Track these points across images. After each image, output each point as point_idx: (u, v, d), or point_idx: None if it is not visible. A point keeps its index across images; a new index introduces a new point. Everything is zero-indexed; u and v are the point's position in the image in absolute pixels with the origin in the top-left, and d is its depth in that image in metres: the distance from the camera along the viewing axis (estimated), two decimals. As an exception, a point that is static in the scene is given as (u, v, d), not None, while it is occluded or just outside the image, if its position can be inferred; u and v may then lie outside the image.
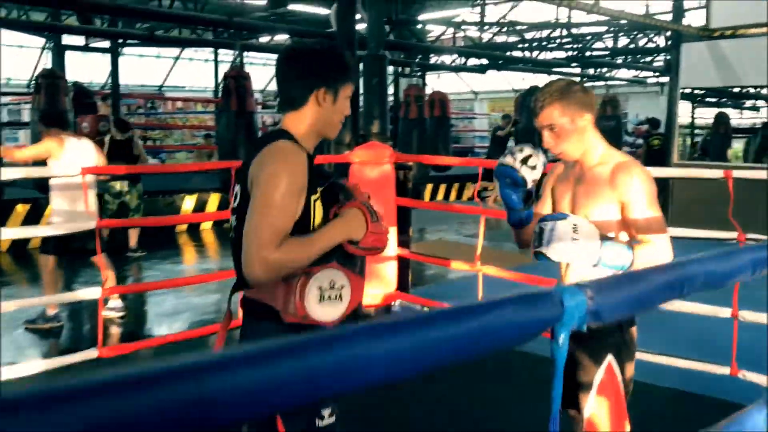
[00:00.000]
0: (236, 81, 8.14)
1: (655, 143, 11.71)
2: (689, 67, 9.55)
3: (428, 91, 12.08)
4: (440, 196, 12.72)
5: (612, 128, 12.81)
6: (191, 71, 22.37)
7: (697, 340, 4.16)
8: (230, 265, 1.80)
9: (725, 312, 3.51)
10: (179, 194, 9.31)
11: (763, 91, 16.30)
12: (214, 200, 9.49)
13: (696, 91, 10.00)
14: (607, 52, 15.19)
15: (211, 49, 16.29)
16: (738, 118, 16.41)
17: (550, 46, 14.65)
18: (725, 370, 3.50)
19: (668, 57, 12.20)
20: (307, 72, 1.73)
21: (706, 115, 13.67)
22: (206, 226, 9.27)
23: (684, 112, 11.24)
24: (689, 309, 3.60)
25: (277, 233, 1.57)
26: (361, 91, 5.60)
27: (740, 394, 3.43)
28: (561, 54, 15.35)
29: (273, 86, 21.83)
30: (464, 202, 12.82)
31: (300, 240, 1.61)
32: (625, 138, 15.96)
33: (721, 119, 13.21)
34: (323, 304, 1.66)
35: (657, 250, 1.94)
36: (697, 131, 13.58)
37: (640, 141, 16.53)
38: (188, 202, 9.37)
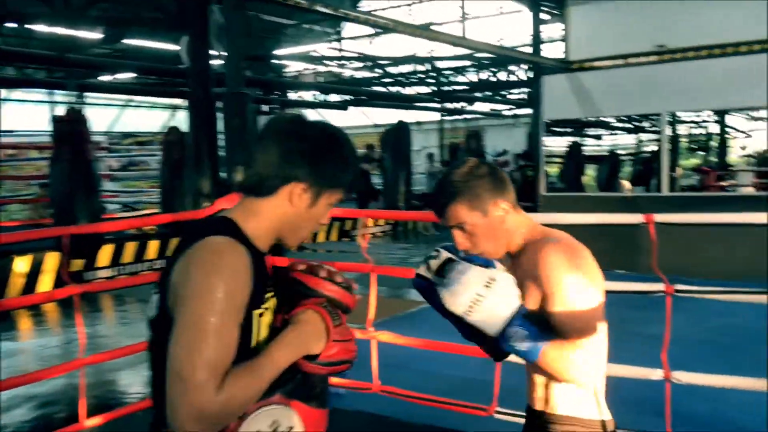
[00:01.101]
0: (70, 126, 7.12)
1: (529, 174, 12.10)
2: (551, 99, 9.63)
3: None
4: (321, 238, 12.16)
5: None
6: (23, 113, 20.36)
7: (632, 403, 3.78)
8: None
9: (657, 374, 3.11)
10: (8, 255, 8.03)
11: (610, 120, 17.22)
12: (52, 261, 8.26)
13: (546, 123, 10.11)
14: (467, 87, 15.33)
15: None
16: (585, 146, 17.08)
17: (411, 80, 14.54)
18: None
19: (530, 90, 12.40)
20: (289, 155, 1.34)
21: (553, 145, 14.08)
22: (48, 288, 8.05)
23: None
24: (619, 372, 3.17)
25: (216, 372, 1.17)
26: (221, 133, 4.87)
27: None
28: (423, 89, 15.30)
29: (119, 127, 20.40)
30: (344, 243, 12.29)
31: (244, 372, 1.21)
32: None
33: (574, 149, 13.67)
34: None
35: (572, 354, 1.52)
36: (550, 161, 13.86)
37: (506, 170, 16.84)
38: (21, 264, 8.10)
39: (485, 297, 1.49)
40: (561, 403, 1.64)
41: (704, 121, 16.92)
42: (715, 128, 16.50)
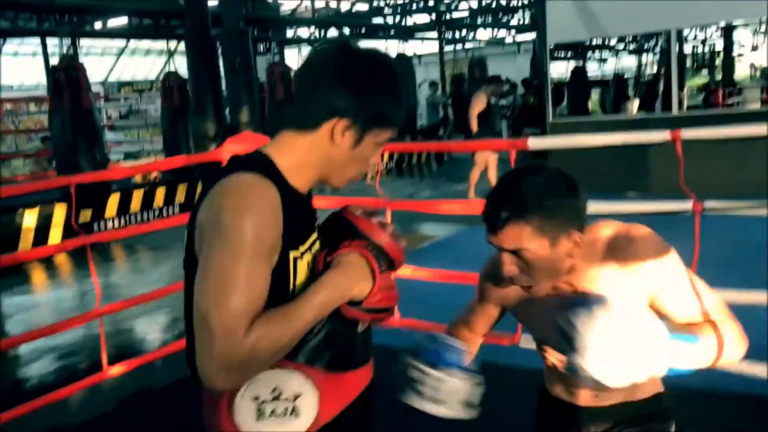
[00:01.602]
0: (67, 74, 6.95)
1: (531, 100, 12.05)
2: (555, 21, 9.38)
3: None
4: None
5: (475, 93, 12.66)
6: (18, 67, 20.06)
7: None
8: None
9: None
10: (15, 210, 7.99)
11: (612, 43, 16.88)
12: (60, 214, 8.22)
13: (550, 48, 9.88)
14: (468, 12, 14.96)
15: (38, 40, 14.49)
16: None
17: (411, 10, 14.18)
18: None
19: (532, 12, 12.10)
20: (333, 87, 1.18)
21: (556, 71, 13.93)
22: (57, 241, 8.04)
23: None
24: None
25: (243, 319, 1.07)
26: (222, 74, 4.73)
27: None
28: (423, 18, 14.96)
29: (115, 76, 20.12)
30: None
31: (277, 316, 1.10)
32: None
33: (579, 73, 13.45)
34: (264, 423, 1.16)
35: (730, 331, 1.38)
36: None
37: (504, 102, 16.62)
38: (29, 218, 8.07)
39: (629, 349, 1.21)
40: (644, 385, 1.45)
41: (709, 38, 16.58)
42: (720, 45, 16.14)
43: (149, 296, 4.30)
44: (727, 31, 16.16)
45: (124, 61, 20.85)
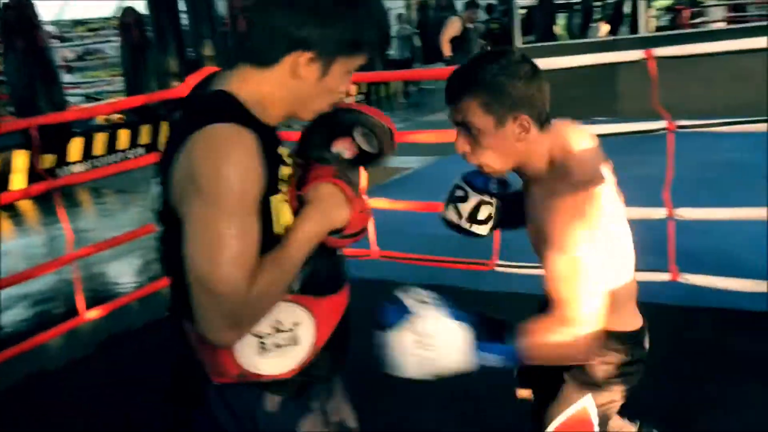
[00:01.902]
0: (16, 12, 6.63)
1: (494, 27, 11.92)
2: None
3: None
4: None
5: (446, 19, 12.41)
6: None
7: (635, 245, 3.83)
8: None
9: (659, 213, 3.10)
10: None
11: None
12: (21, 160, 8.00)
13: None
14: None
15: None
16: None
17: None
18: (665, 276, 3.15)
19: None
20: (288, 17, 1.09)
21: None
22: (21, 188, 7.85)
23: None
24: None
25: (242, 274, 1.06)
26: (183, 7, 4.54)
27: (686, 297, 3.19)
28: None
29: (69, 14, 19.33)
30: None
31: (272, 263, 1.10)
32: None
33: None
34: (267, 356, 1.19)
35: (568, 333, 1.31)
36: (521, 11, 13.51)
37: (471, 26, 16.37)
38: (-12, 166, 7.86)
39: (427, 357, 1.27)
40: None
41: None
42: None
43: (121, 239, 4.23)
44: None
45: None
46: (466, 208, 1.58)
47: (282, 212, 1.15)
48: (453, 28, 8.07)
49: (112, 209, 7.69)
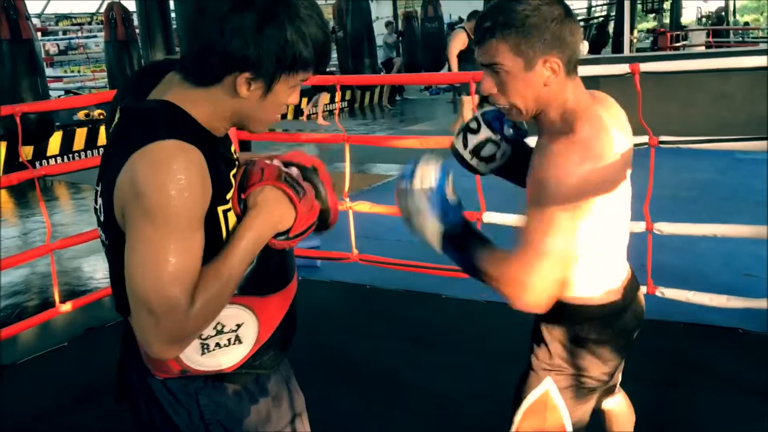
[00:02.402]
0: (4, 2, 6.58)
1: None
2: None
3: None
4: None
5: (435, 30, 12.50)
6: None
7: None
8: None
9: (638, 226, 3.14)
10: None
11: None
12: (-2, 151, 7.92)
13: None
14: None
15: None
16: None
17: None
18: (642, 289, 3.19)
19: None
20: (224, 38, 1.04)
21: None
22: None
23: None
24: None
25: (184, 290, 1.05)
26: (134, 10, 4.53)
27: (660, 311, 3.22)
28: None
29: (52, 8, 19.16)
30: (300, 122, 11.97)
31: (212, 275, 1.08)
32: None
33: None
34: (210, 355, 1.20)
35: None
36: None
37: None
38: (-34, 156, 7.76)
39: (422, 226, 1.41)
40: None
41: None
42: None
43: (97, 234, 4.20)
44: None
45: (62, -7, 19.89)
46: (473, 140, 1.57)
47: (230, 220, 1.14)
48: (459, 41, 7.64)
49: (89, 204, 7.62)
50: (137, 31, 7.22)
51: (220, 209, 1.11)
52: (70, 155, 8.79)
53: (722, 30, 15.56)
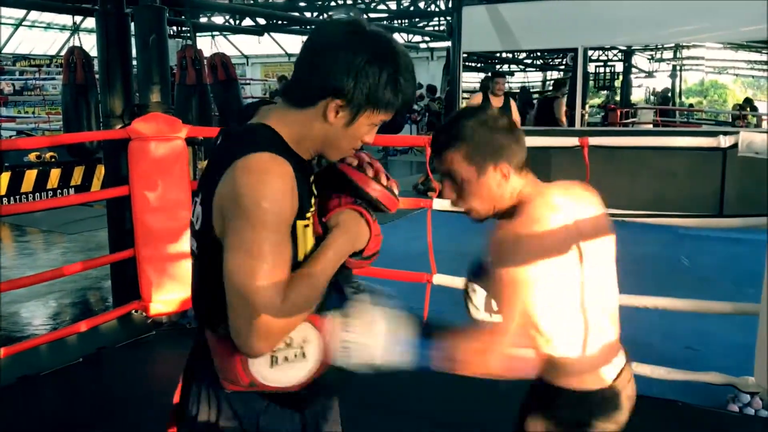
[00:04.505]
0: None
1: (435, 107, 12.42)
2: (469, 30, 9.58)
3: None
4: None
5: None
6: None
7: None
8: None
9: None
10: None
11: (522, 57, 17.45)
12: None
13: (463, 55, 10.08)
14: (386, 15, 15.07)
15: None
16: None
17: (329, 5, 14.12)
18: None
19: (449, 20, 12.32)
20: (328, 68, 1.21)
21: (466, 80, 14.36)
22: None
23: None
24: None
25: (278, 289, 1.18)
26: (134, 52, 4.55)
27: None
28: (341, 16, 14.92)
29: (10, 48, 18.98)
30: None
31: (300, 282, 1.22)
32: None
33: (488, 83, 13.82)
34: (277, 368, 1.28)
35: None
36: (465, 95, 14.05)
37: (415, 107, 16.87)
38: None
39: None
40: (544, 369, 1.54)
41: (610, 60, 17.42)
42: (620, 68, 17.00)
43: (39, 278, 4.10)
44: (627, 56, 17.03)
45: (22, 35, 19.71)
46: (479, 301, 1.57)
47: (308, 236, 1.27)
48: (476, 102, 7.81)
49: (34, 248, 7.41)
50: (97, 76, 7.23)
51: (300, 224, 1.24)
52: (17, 197, 8.59)
53: (669, 110, 16.25)
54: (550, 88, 11.59)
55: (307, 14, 14.24)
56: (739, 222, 3.35)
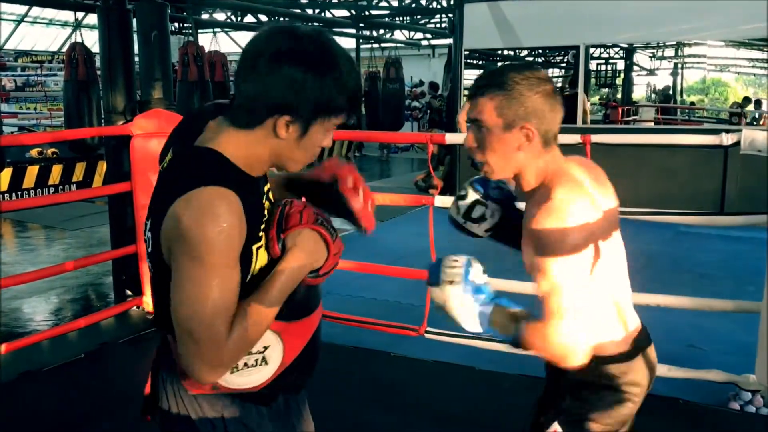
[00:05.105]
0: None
1: (437, 104, 12.41)
2: (471, 28, 9.57)
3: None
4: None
5: (396, 91, 12.79)
6: None
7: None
8: None
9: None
10: None
11: (523, 54, 17.45)
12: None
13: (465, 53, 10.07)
14: (388, 12, 15.05)
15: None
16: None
17: (333, 2, 14.11)
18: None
19: (451, 17, 12.30)
20: (269, 88, 1.19)
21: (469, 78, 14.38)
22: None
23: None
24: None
25: (225, 322, 1.19)
26: (136, 49, 4.54)
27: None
28: (343, 12, 14.92)
29: (12, 44, 18.97)
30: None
31: (252, 309, 1.22)
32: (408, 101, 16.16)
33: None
34: (239, 374, 1.32)
35: (548, 336, 1.40)
36: (466, 93, 14.04)
37: (417, 104, 16.87)
38: None
39: (459, 315, 1.46)
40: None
41: (612, 58, 17.41)
42: (621, 66, 16.99)
43: (40, 274, 4.10)
44: (629, 53, 17.02)
45: (24, 31, 19.70)
46: (463, 205, 1.69)
47: (260, 256, 1.25)
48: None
49: (35, 244, 7.42)
50: (98, 72, 7.23)
51: (254, 247, 1.23)
52: (19, 193, 8.60)
53: (670, 108, 16.24)
54: (567, 86, 11.56)
55: (309, 11, 14.22)
56: (740, 220, 3.34)
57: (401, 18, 16.52)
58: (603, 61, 17.03)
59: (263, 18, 13.85)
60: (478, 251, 1.59)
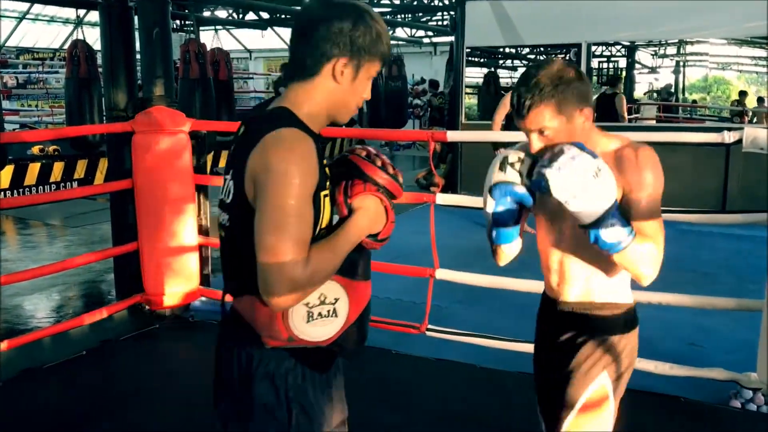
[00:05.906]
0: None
1: (438, 102, 12.40)
2: (473, 25, 9.56)
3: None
4: (222, 163, 11.77)
5: (398, 89, 12.76)
6: None
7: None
8: None
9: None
10: None
11: (526, 52, 17.44)
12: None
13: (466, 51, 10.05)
14: (390, 9, 15.02)
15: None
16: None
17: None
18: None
19: (452, 14, 12.29)
20: (327, 34, 1.40)
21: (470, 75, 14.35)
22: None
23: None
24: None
25: (302, 248, 1.34)
26: (138, 46, 4.54)
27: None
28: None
29: (14, 42, 18.96)
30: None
31: (325, 247, 1.39)
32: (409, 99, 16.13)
33: (491, 78, 13.80)
34: (313, 323, 1.45)
35: (653, 251, 1.60)
36: (468, 90, 14.02)
37: (418, 102, 16.86)
38: None
39: (591, 187, 1.50)
40: (601, 291, 1.76)
41: (614, 56, 17.38)
42: (623, 64, 16.96)
43: (42, 271, 4.10)
44: (630, 51, 16.99)
45: (26, 28, 19.69)
46: (522, 167, 1.69)
47: (326, 205, 1.42)
48: (506, 107, 7.28)
49: (37, 241, 7.43)
50: (100, 69, 7.23)
51: (321, 193, 1.39)
52: (21, 190, 8.60)
53: (672, 105, 16.22)
54: (606, 85, 11.50)
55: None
56: (741, 218, 3.34)
57: (403, 15, 16.50)
58: (605, 59, 16.99)
59: (265, 15, 13.85)
60: (478, 251, 1.59)
